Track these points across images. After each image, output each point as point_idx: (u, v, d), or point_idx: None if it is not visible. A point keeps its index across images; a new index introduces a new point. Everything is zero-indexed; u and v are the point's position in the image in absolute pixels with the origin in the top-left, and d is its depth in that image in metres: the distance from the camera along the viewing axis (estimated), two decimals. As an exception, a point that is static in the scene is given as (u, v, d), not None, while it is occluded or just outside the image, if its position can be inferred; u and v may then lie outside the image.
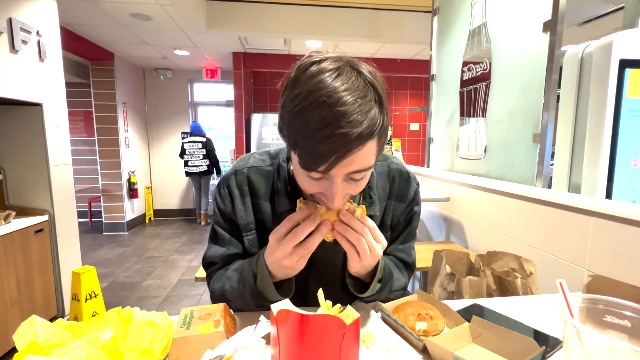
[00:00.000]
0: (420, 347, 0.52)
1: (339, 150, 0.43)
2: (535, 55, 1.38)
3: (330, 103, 0.42)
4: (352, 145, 0.43)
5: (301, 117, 0.44)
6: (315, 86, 0.44)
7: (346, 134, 0.42)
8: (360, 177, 0.50)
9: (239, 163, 0.68)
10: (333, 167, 0.45)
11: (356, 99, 0.43)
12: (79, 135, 4.82)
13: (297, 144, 0.46)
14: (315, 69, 0.45)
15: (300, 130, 0.44)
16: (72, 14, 2.95)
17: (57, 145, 2.13)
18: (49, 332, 0.47)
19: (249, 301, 0.61)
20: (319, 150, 0.43)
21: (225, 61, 4.54)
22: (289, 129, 0.47)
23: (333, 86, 0.43)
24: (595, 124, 1.20)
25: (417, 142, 5.36)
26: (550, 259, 1.12)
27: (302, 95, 0.44)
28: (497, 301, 0.69)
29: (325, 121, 0.42)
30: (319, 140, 0.43)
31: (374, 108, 0.45)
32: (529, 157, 1.42)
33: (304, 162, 0.46)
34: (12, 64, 1.83)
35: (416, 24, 3.34)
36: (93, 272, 0.87)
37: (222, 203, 0.66)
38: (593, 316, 0.42)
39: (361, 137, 0.43)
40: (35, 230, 1.97)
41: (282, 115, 0.49)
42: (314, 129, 0.43)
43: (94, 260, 3.47)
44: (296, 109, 0.44)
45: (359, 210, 0.53)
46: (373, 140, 0.46)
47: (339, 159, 0.44)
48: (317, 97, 0.43)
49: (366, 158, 0.47)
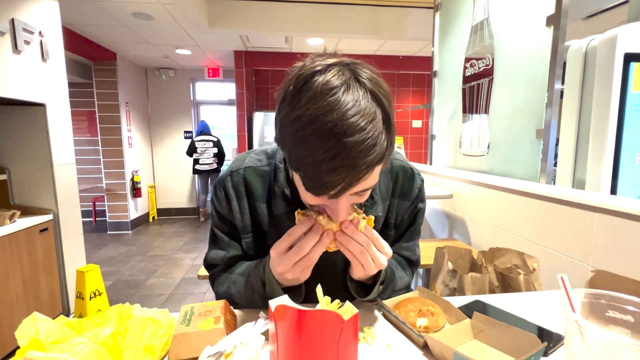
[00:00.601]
0: (421, 344, 0.52)
1: (346, 180, 0.41)
2: (539, 50, 1.36)
3: (337, 132, 0.39)
4: (361, 174, 0.41)
5: (305, 145, 0.41)
6: (320, 110, 0.39)
7: (355, 165, 0.40)
8: (365, 193, 0.49)
9: (235, 163, 0.67)
10: (339, 195, 0.43)
11: (365, 126, 0.39)
12: (82, 135, 4.86)
13: (300, 169, 0.44)
14: (318, 85, 0.41)
15: (305, 158, 0.41)
16: (74, 14, 2.96)
17: (60, 145, 2.14)
18: (51, 329, 0.48)
19: (258, 304, 0.61)
20: (325, 180, 0.41)
21: (227, 60, 4.54)
22: (290, 153, 0.44)
23: (340, 112, 0.39)
24: (600, 119, 1.19)
25: (420, 139, 5.34)
26: (554, 255, 1.11)
27: (305, 119, 0.40)
28: (499, 297, 0.69)
29: (332, 152, 0.39)
30: (326, 172, 0.40)
31: (383, 132, 0.42)
32: (533, 153, 1.41)
33: (308, 187, 0.44)
34: (15, 65, 1.84)
35: (418, 20, 3.32)
36: (97, 270, 0.88)
37: (219, 205, 0.65)
38: (595, 311, 0.42)
39: (370, 166, 0.41)
40: (40, 230, 1.99)
41: (282, 135, 0.45)
42: (320, 160, 0.40)
43: (98, 259, 3.49)
44: (299, 134, 0.41)
45: (363, 222, 0.51)
46: (380, 165, 0.44)
47: (345, 189, 0.42)
48: (323, 124, 0.39)
49: (373, 180, 0.46)
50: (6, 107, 1.99)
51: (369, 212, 0.63)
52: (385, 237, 0.68)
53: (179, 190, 5.37)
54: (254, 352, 0.43)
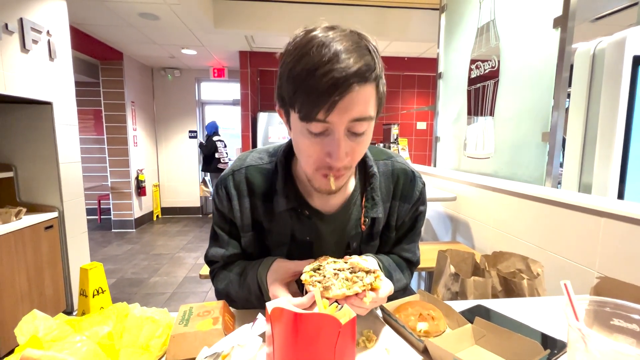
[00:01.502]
0: (421, 348, 0.51)
1: (339, 85, 0.43)
2: (545, 53, 1.35)
3: (327, 44, 0.44)
4: (352, 79, 0.43)
5: (301, 62, 0.45)
6: (312, 37, 0.46)
7: (345, 68, 0.43)
8: (361, 129, 0.49)
9: (237, 163, 0.67)
10: (334, 108, 0.45)
11: (351, 43, 0.45)
12: (89, 134, 4.90)
13: (297, 92, 0.46)
14: (309, 29, 0.48)
15: (301, 72, 0.45)
16: (82, 14, 2.99)
17: (66, 143, 2.16)
18: (50, 327, 0.48)
19: (255, 304, 0.62)
20: (320, 87, 0.43)
21: (232, 60, 4.56)
22: (288, 81, 0.47)
23: (328, 34, 0.46)
24: (608, 122, 1.17)
25: (424, 141, 5.31)
26: (559, 260, 1.09)
27: (299, 46, 0.46)
28: (502, 302, 0.68)
29: (324, 58, 0.43)
30: (319, 77, 0.43)
31: (369, 55, 0.46)
32: (538, 157, 1.39)
33: (304, 111, 0.46)
34: (23, 63, 1.86)
35: (423, 21, 3.31)
36: (100, 268, 0.88)
37: (220, 204, 0.66)
38: (600, 319, 0.41)
39: (360, 73, 0.44)
40: (45, 227, 2.01)
41: (281, 75, 0.49)
42: (314, 67, 0.44)
43: (102, 257, 3.52)
44: (295, 58, 0.46)
45: (368, 297, 0.49)
46: (371, 84, 0.46)
47: (340, 96, 0.44)
48: (315, 42, 0.45)
49: (366, 104, 0.47)
50: (14, 105, 2.01)
51: (370, 213, 0.63)
52: (386, 239, 0.69)
53: (183, 189, 5.39)
54: (252, 354, 0.43)
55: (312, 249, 0.64)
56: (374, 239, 0.67)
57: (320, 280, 0.49)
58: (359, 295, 0.49)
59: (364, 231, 0.65)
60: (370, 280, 0.49)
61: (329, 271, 0.50)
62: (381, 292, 0.52)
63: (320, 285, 0.48)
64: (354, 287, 0.48)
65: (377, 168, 0.65)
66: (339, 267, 0.51)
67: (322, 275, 0.50)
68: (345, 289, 0.48)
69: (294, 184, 0.63)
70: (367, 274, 0.50)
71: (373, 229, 0.66)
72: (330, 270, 0.50)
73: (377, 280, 0.50)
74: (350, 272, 0.51)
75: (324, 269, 0.51)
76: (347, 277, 0.50)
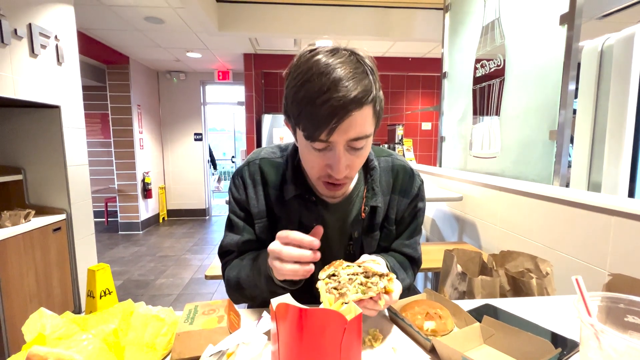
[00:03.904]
0: (428, 347, 0.51)
1: (338, 112, 0.48)
2: (552, 50, 1.33)
3: (327, 72, 0.49)
4: (350, 107, 0.48)
5: (303, 88, 0.50)
6: (314, 62, 0.51)
7: (343, 97, 0.48)
8: (360, 145, 0.54)
9: (252, 156, 0.74)
10: (334, 132, 0.50)
11: (350, 70, 0.50)
12: (96, 137, 4.96)
13: (300, 114, 0.52)
14: (313, 52, 0.53)
15: (303, 99, 0.50)
16: (89, 19, 3.03)
17: (74, 146, 2.19)
18: (56, 325, 0.48)
19: (263, 288, 0.62)
20: (320, 114, 0.49)
21: (237, 63, 4.58)
22: (293, 104, 0.52)
23: (329, 61, 0.50)
24: (617, 120, 1.15)
25: (430, 141, 5.28)
26: (569, 260, 1.08)
27: (302, 71, 0.51)
28: (510, 302, 0.67)
29: (324, 87, 0.48)
30: (320, 105, 0.48)
31: (367, 78, 0.51)
32: (546, 155, 1.37)
33: (308, 132, 0.52)
34: (32, 68, 1.89)
35: (427, 21, 3.30)
36: (107, 269, 0.89)
37: (236, 192, 0.71)
38: (613, 316, 0.39)
39: (357, 100, 0.49)
40: (54, 229, 2.03)
41: (287, 96, 0.54)
42: (315, 96, 0.49)
43: (109, 259, 3.55)
44: (299, 83, 0.51)
45: (382, 300, 0.51)
46: (369, 106, 0.51)
47: (338, 122, 0.49)
48: (316, 69, 0.50)
49: (364, 125, 0.52)
50: (23, 109, 2.04)
51: (370, 201, 0.68)
52: (387, 233, 0.73)
53: (189, 191, 5.42)
54: (256, 351, 0.42)
55: None
56: (374, 229, 0.71)
57: (336, 287, 0.50)
58: (374, 298, 0.50)
59: (364, 219, 0.69)
60: (384, 284, 0.51)
61: (343, 277, 0.51)
62: (394, 295, 0.53)
63: (336, 291, 0.49)
64: (369, 293, 0.49)
65: (378, 163, 0.71)
66: (353, 272, 0.52)
67: (337, 282, 0.51)
68: (361, 293, 0.49)
69: (301, 175, 0.68)
70: (380, 278, 0.52)
71: (374, 219, 0.70)
72: (345, 276, 0.51)
73: (390, 283, 0.51)
74: (365, 277, 0.52)
75: (339, 275, 0.51)
76: (362, 281, 0.51)
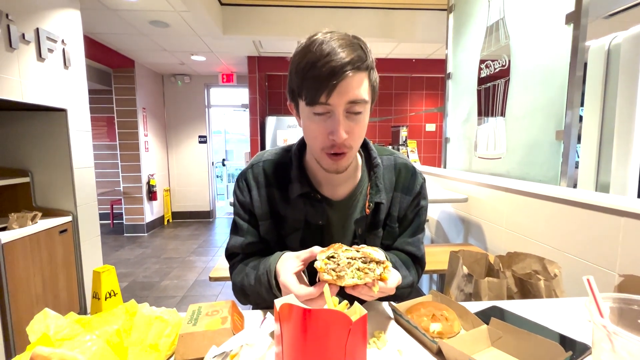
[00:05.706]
0: (435, 350, 0.50)
1: (336, 72, 0.54)
2: (558, 50, 1.32)
3: (326, 42, 0.56)
4: (346, 67, 0.54)
5: (305, 58, 0.56)
6: (314, 39, 0.57)
7: (341, 59, 0.54)
8: (358, 110, 0.58)
9: (256, 158, 0.75)
10: (333, 92, 0.55)
11: (345, 42, 0.56)
12: (102, 140, 5.01)
13: (303, 81, 0.57)
14: (312, 34, 0.59)
15: (306, 65, 0.56)
16: (95, 23, 3.07)
17: (80, 148, 2.21)
18: (60, 326, 0.48)
19: (265, 297, 0.63)
20: (321, 75, 0.54)
21: (241, 65, 4.61)
22: (296, 74, 0.58)
23: (327, 36, 0.57)
24: (625, 120, 1.13)
25: (434, 143, 5.25)
26: (577, 262, 1.06)
27: (304, 46, 0.58)
28: (518, 304, 0.66)
29: (324, 53, 0.55)
30: (320, 67, 0.54)
31: (361, 50, 0.57)
32: (552, 156, 1.35)
33: (310, 97, 0.56)
34: (39, 72, 1.91)
35: (430, 22, 3.29)
36: (112, 271, 0.89)
37: (240, 195, 0.72)
38: (626, 318, 0.38)
39: (352, 62, 0.55)
40: (60, 231, 2.05)
41: (290, 72, 0.60)
42: (316, 60, 0.55)
43: (115, 261, 3.57)
44: (301, 55, 0.58)
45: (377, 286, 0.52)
46: (364, 72, 0.57)
47: (337, 81, 0.54)
48: (316, 42, 0.56)
49: (359, 88, 0.57)
50: (30, 113, 2.07)
51: (374, 198, 0.69)
52: (390, 230, 0.73)
53: (194, 193, 5.45)
54: (260, 353, 0.42)
55: (324, 234, 0.70)
56: (377, 226, 0.71)
57: (334, 269, 0.51)
58: (368, 284, 0.52)
59: (368, 215, 0.69)
60: (380, 271, 0.52)
61: (342, 260, 0.52)
62: (389, 282, 0.54)
63: (334, 272, 0.51)
64: (366, 278, 0.51)
65: (380, 160, 0.73)
66: (351, 256, 0.53)
67: (335, 264, 0.52)
68: (357, 278, 0.51)
69: (306, 173, 0.70)
70: (377, 265, 0.53)
71: (377, 216, 0.70)
72: (344, 259, 0.52)
73: (385, 271, 0.52)
74: (362, 262, 0.53)
75: (339, 257, 0.52)
76: (360, 267, 0.52)
